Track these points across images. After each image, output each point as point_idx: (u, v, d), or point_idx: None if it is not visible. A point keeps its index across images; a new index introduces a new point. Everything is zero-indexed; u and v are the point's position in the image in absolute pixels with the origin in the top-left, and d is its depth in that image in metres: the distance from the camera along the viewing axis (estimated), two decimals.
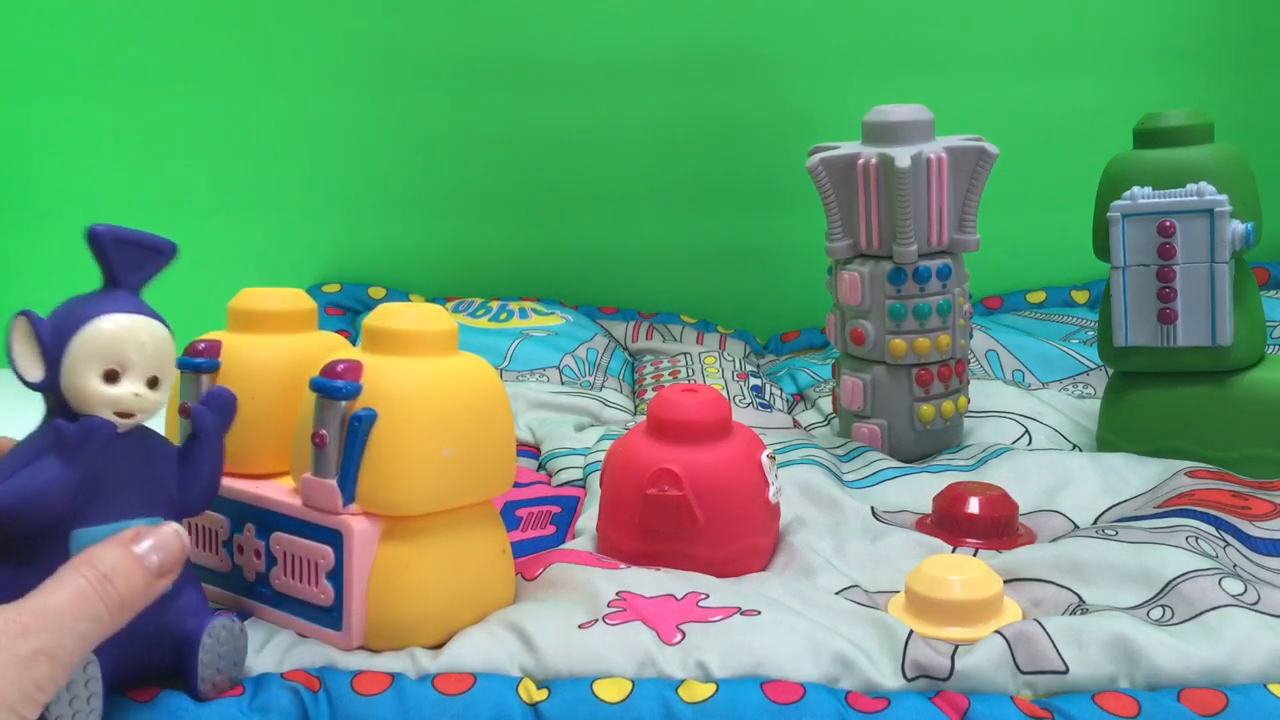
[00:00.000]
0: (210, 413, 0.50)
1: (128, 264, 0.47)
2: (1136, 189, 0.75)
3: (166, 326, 0.48)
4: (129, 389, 0.46)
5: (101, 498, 0.46)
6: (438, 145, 1.20)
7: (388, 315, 0.54)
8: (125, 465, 0.47)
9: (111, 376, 0.45)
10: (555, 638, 0.51)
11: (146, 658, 0.46)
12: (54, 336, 0.45)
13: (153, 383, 0.46)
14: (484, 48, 1.18)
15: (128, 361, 0.45)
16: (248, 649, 0.49)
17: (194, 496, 0.50)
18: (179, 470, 0.49)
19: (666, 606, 0.54)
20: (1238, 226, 0.73)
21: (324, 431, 0.51)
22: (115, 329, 0.45)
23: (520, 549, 0.65)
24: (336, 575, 0.52)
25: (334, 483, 0.51)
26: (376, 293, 1.18)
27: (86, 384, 0.45)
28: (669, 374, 1.01)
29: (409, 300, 1.17)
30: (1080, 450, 0.81)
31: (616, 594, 0.55)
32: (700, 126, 1.18)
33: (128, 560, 0.44)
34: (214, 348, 0.58)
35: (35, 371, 0.46)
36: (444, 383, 0.53)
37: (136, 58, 1.19)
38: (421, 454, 0.51)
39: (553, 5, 1.17)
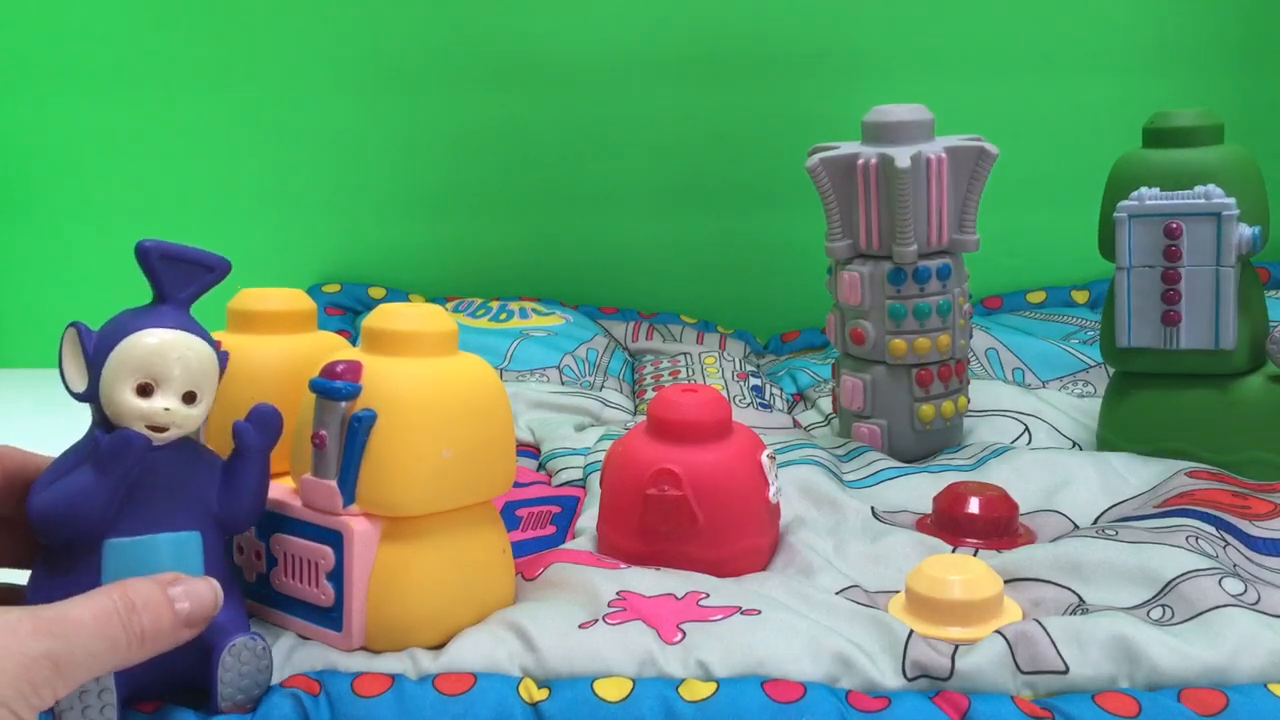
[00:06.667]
0: (254, 430, 0.50)
1: (175, 280, 0.48)
2: (1144, 190, 0.75)
3: (211, 343, 0.48)
4: (160, 404, 0.46)
5: (137, 509, 0.47)
6: (438, 145, 1.20)
7: (387, 316, 0.54)
8: (164, 478, 0.47)
9: (145, 390, 0.46)
10: (555, 637, 0.51)
11: (171, 667, 0.46)
12: (98, 348, 0.46)
13: (189, 398, 0.47)
14: (485, 47, 1.18)
15: (162, 375, 0.46)
16: (272, 667, 0.49)
17: (236, 514, 0.50)
18: (221, 487, 0.50)
19: (667, 606, 0.54)
20: (1244, 230, 0.73)
21: (324, 432, 0.51)
22: (153, 343, 0.46)
23: (520, 549, 0.65)
24: (337, 576, 0.52)
25: (334, 483, 0.51)
26: (376, 293, 1.18)
27: (120, 396, 0.46)
28: (669, 374, 1.01)
29: (409, 300, 1.17)
30: (1080, 449, 0.81)
31: (617, 594, 0.55)
32: (701, 126, 1.19)
33: (161, 598, 0.44)
34: None
35: (79, 382, 0.47)
36: (444, 383, 0.53)
37: (136, 57, 1.19)
38: (421, 454, 0.51)
39: (555, 4, 1.17)
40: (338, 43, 1.18)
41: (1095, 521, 0.69)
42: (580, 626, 0.52)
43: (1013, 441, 0.83)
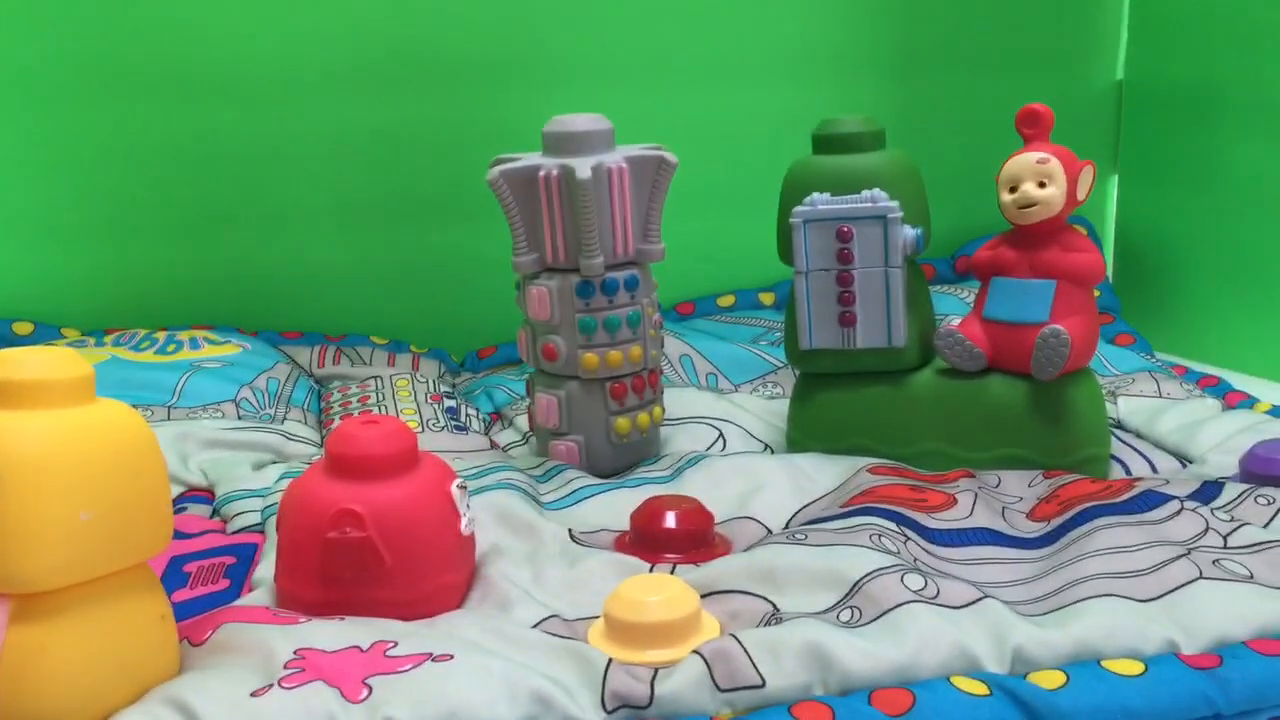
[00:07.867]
0: None
1: None
2: (817, 195, 0.77)
3: None
4: None
5: None
6: (94, 161, 1.10)
7: (4, 363, 0.47)
8: None
9: None
10: (223, 710, 0.47)
11: None
12: None
13: None
14: (141, 58, 1.08)
15: None
16: None
17: None
18: None
19: (351, 660, 0.50)
20: (909, 232, 0.76)
21: None
22: None
23: (186, 610, 0.59)
24: None
25: None
26: (22, 328, 1.06)
27: None
28: (358, 400, 0.96)
29: (61, 335, 1.06)
30: (772, 450, 0.83)
31: (294, 652, 0.51)
32: (380, 139, 1.14)
33: None
34: None
35: None
36: (77, 437, 0.47)
37: None
38: (53, 520, 0.46)
39: (217, 13, 1.09)
40: None
41: (787, 525, 0.70)
42: (252, 694, 0.48)
43: (708, 448, 0.84)
